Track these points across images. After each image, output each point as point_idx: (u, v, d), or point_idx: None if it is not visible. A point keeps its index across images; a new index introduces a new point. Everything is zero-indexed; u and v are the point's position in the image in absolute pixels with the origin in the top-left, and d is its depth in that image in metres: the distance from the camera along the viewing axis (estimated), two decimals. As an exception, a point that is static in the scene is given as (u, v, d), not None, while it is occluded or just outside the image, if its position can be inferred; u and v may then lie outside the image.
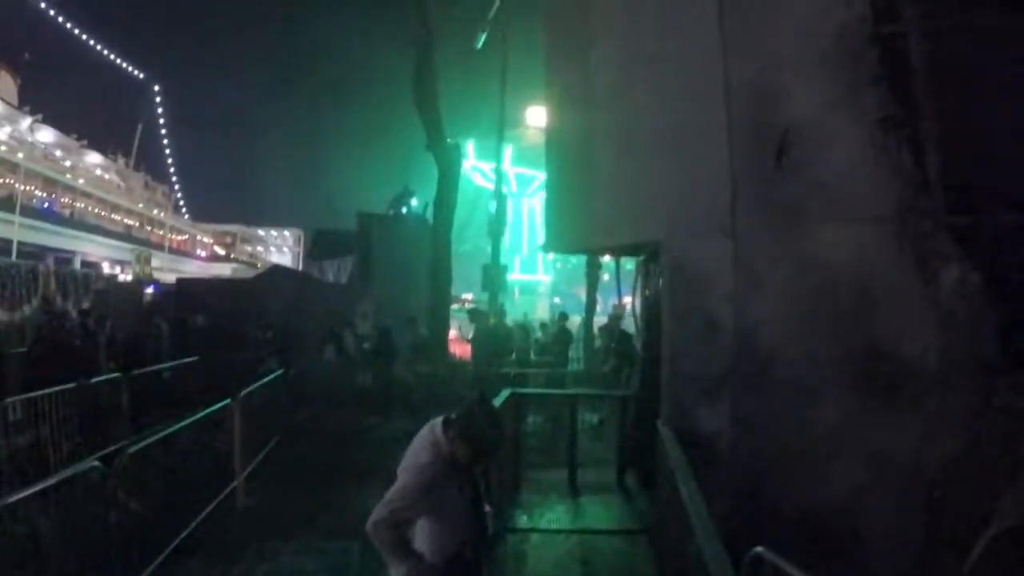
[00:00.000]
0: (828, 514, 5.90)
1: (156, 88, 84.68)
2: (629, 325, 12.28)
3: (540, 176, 44.09)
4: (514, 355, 15.58)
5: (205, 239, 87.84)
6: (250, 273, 49.36)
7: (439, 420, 3.41)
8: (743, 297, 6.47)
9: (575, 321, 22.39)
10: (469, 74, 26.71)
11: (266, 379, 10.80)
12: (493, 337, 15.29)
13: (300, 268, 45.29)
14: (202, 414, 8.13)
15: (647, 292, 8.63)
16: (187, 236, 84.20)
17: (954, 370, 5.68)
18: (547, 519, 7.54)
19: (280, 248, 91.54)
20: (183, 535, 6.76)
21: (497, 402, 7.56)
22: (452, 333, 20.09)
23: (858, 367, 5.96)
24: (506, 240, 28.98)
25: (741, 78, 6.62)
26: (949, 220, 5.82)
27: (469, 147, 43.59)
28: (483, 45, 21.25)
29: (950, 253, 5.77)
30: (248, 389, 9.28)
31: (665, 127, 7.02)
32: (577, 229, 8.01)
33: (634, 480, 8.50)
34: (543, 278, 61.39)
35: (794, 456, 6.06)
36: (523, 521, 7.46)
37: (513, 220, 49.42)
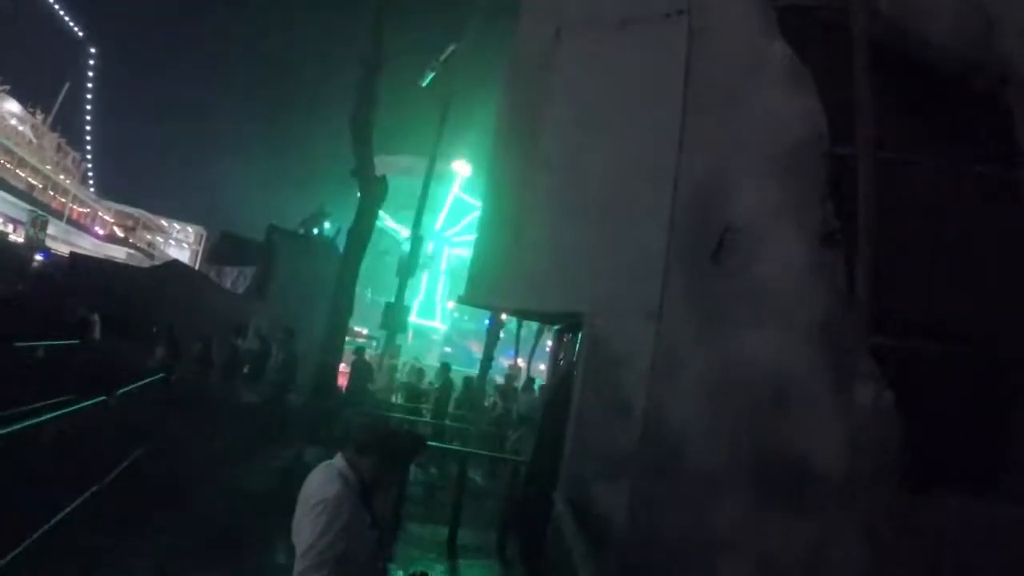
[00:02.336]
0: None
1: (93, 51, 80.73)
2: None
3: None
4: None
5: (107, 217, 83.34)
6: (145, 262, 47.07)
7: (336, 457, 3.28)
8: (659, 382, 6.47)
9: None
10: (410, 106, 26.62)
11: (146, 380, 10.14)
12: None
13: (197, 267, 43.53)
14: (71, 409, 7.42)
15: (560, 362, 8.58)
16: (89, 210, 79.65)
17: (858, 484, 5.78)
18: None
19: (180, 243, 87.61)
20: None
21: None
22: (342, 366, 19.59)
23: (764, 467, 6.00)
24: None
25: (693, 171, 6.74)
26: (871, 340, 5.98)
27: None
28: (428, 84, 21.25)
29: (868, 371, 5.92)
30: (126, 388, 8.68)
31: (608, 202, 7.05)
32: (501, 287, 7.90)
33: (516, 549, 8.32)
34: (440, 326, 60.91)
35: (689, 546, 6.02)
36: (399, 578, 7.15)
37: (425, 264, 49.24)
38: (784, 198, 6.41)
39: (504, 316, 20.78)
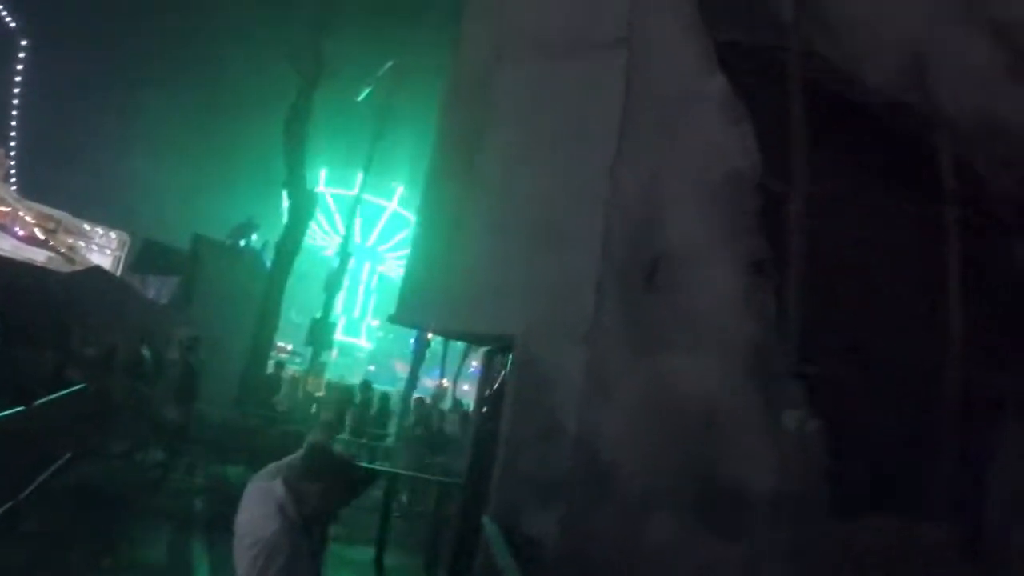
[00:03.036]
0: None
1: (24, 43, 77.21)
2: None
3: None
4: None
5: (27, 218, 79.41)
6: (65, 267, 45.14)
7: (274, 482, 3.00)
8: (590, 405, 6.48)
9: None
10: (344, 120, 26.37)
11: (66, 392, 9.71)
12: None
13: (119, 275, 42.05)
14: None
15: (490, 384, 8.54)
16: (9, 209, 75.77)
17: (787, 509, 5.89)
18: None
19: (102, 249, 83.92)
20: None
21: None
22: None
23: (696, 490, 6.06)
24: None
25: (626, 195, 6.80)
26: (799, 368, 6.15)
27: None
28: (364, 99, 21.11)
29: (795, 398, 6.08)
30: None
31: (541, 224, 7.06)
32: (432, 307, 7.85)
33: (443, 572, 8.21)
34: (364, 344, 60.21)
35: (622, 570, 6.04)
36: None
37: (351, 281, 48.71)
38: (717, 227, 6.53)
39: (430, 336, 20.67)
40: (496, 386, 8.18)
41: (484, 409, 8.53)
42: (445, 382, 22.34)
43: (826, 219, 6.37)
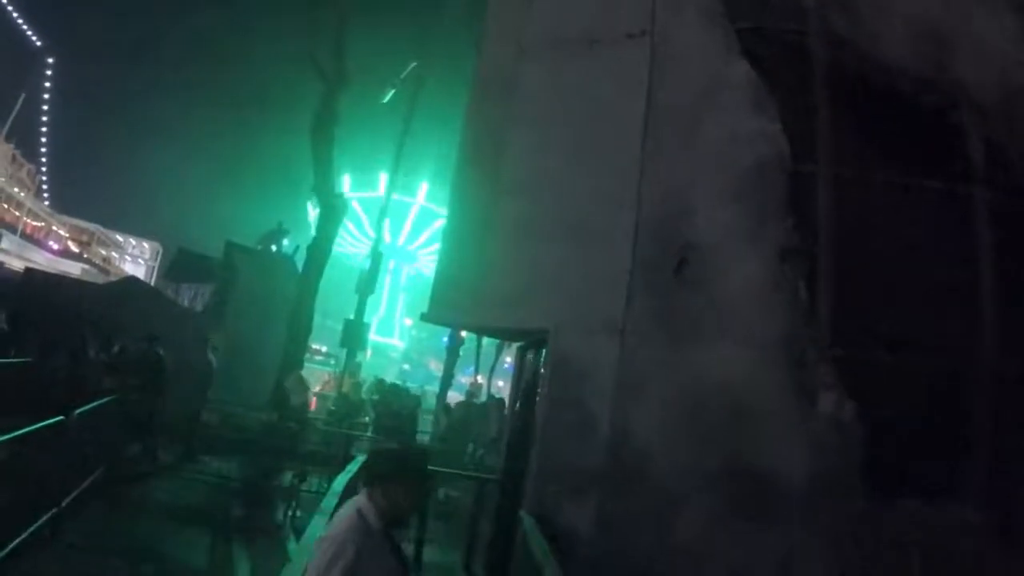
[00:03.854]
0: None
1: (50, 60, 78.73)
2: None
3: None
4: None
5: (61, 231, 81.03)
6: (100, 278, 45.96)
7: (357, 497, 3.13)
8: (623, 399, 6.52)
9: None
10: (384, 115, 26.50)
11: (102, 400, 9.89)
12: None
13: (153, 284, 42.77)
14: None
15: (524, 379, 8.59)
16: (43, 224, 77.41)
17: (822, 495, 5.88)
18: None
19: (136, 259, 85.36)
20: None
21: (352, 468, 7.29)
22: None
23: (729, 482, 6.07)
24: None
25: (654, 188, 6.83)
26: (831, 352, 6.12)
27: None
28: (389, 100, 21.23)
29: (829, 383, 6.05)
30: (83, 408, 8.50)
31: (571, 221, 7.11)
32: (465, 305, 7.89)
33: (481, 567, 8.29)
34: (397, 343, 60.62)
35: (658, 561, 6.06)
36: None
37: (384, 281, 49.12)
38: (745, 215, 6.53)
39: (464, 333, 20.79)
40: (530, 381, 8.23)
41: (518, 404, 8.58)
42: (480, 378, 22.48)
43: (855, 203, 6.35)
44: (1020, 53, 6.81)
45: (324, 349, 36.35)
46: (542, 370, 7.40)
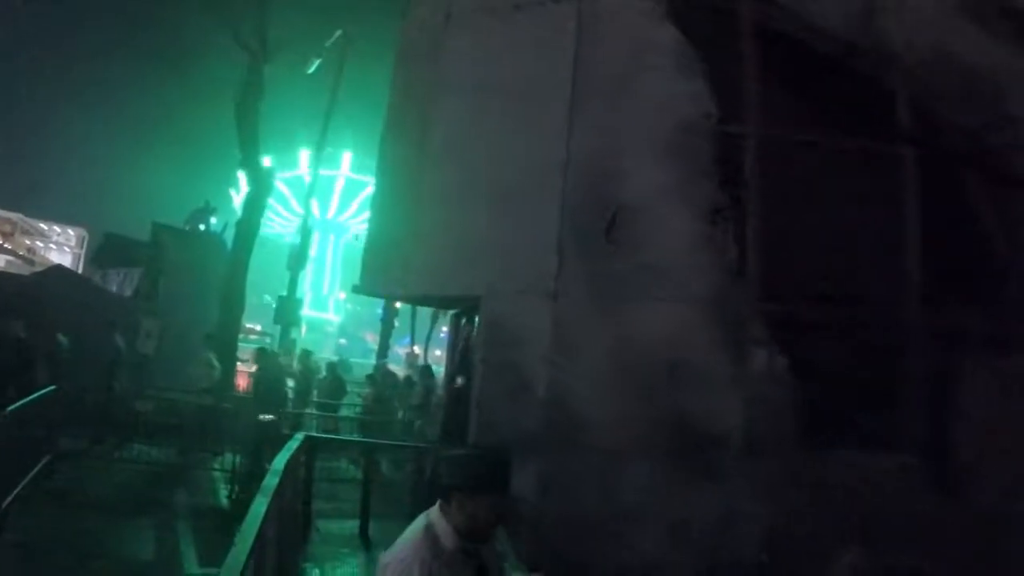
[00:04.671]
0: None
1: None
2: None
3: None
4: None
5: (-18, 223, 76.91)
6: (25, 269, 44.13)
7: (430, 510, 2.64)
8: (558, 360, 6.54)
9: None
10: (296, 94, 25.87)
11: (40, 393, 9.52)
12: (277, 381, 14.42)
13: (81, 271, 41.30)
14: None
15: (458, 346, 8.56)
16: None
17: (758, 446, 6.02)
18: (340, 574, 7.14)
19: (61, 247, 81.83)
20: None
21: (292, 446, 7.17)
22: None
23: (667, 440, 6.17)
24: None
25: (582, 150, 6.82)
26: (761, 308, 6.25)
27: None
28: (315, 71, 20.77)
29: (760, 338, 6.19)
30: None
31: (500, 186, 7.06)
32: (397, 275, 7.81)
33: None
34: (333, 317, 59.97)
35: (599, 521, 6.13)
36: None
37: (317, 255, 48.48)
38: (674, 176, 6.57)
39: (398, 304, 20.63)
40: (464, 348, 8.21)
41: (454, 372, 8.56)
42: (416, 349, 22.35)
43: (783, 163, 6.43)
44: (947, 12, 6.96)
45: (259, 327, 35.78)
46: (475, 337, 7.38)
